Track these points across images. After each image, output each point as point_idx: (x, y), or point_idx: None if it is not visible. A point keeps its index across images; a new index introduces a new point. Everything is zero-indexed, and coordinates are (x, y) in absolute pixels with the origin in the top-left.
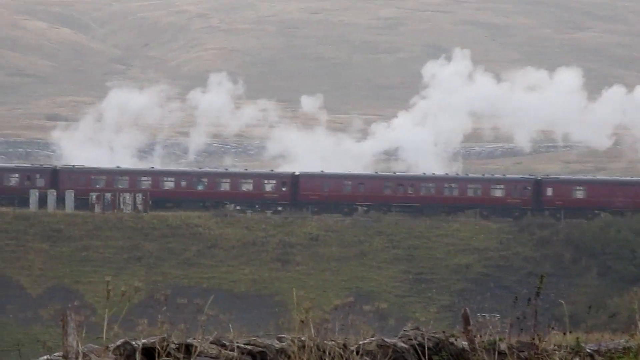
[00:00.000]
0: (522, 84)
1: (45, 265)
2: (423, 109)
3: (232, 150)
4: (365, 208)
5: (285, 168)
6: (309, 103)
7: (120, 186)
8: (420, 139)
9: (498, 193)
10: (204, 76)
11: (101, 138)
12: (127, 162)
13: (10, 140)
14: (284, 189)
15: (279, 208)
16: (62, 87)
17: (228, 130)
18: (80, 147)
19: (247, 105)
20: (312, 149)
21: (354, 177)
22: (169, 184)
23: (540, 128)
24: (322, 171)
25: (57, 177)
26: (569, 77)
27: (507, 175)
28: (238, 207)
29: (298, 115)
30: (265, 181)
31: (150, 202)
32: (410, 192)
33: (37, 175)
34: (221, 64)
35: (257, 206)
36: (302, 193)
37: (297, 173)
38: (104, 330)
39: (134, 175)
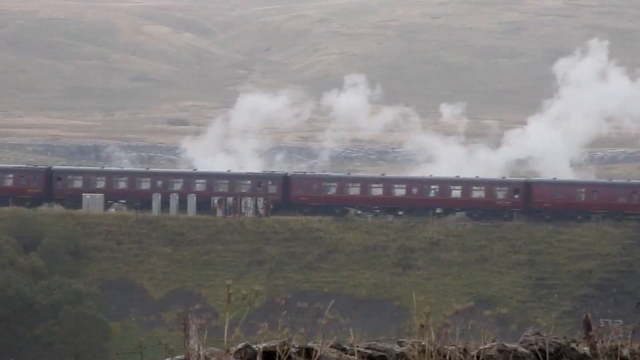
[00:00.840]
0: None
1: (168, 269)
2: (555, 112)
3: (358, 155)
4: (598, 217)
5: (421, 173)
6: (448, 110)
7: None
8: (552, 143)
9: None
10: (324, 81)
11: (228, 142)
12: (254, 166)
13: (132, 145)
14: (516, 196)
15: (505, 216)
16: (184, 91)
17: (362, 135)
18: (205, 152)
19: (373, 109)
20: (445, 155)
21: (587, 184)
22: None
23: None
24: (554, 178)
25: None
26: None
27: None
28: (359, 212)
29: (421, 120)
30: (497, 189)
31: (271, 206)
32: None
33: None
34: (342, 69)
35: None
36: (535, 201)
37: (528, 180)
38: (225, 334)
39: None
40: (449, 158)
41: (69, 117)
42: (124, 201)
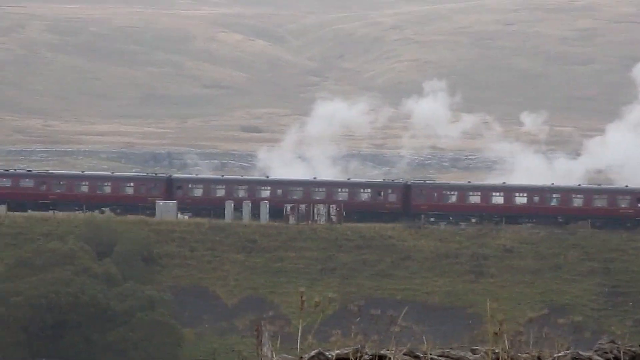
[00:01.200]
0: None
1: (240, 276)
2: (636, 118)
3: (432, 162)
4: None
5: (495, 181)
6: (530, 119)
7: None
8: (634, 151)
9: None
10: (397, 88)
11: (302, 149)
12: (327, 173)
13: (206, 152)
14: (639, 204)
15: (628, 224)
16: (257, 98)
17: (439, 142)
18: (279, 159)
19: (452, 117)
20: (522, 162)
21: None
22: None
23: None
24: None
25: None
26: None
27: None
28: (432, 219)
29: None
30: (620, 197)
31: (344, 213)
32: None
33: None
34: (415, 76)
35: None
36: None
37: None
38: (298, 341)
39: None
40: (527, 166)
41: (142, 124)
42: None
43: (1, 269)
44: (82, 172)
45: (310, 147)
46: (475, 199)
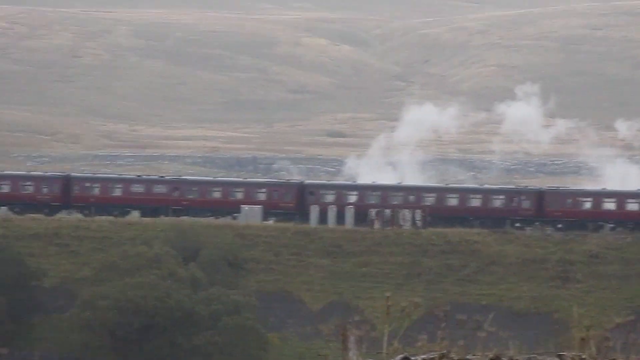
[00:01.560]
0: None
1: (325, 281)
2: None
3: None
4: None
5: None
6: (624, 126)
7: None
8: None
9: None
10: (483, 93)
11: (390, 155)
12: (414, 178)
13: (291, 157)
14: None
15: None
16: (342, 103)
17: (531, 147)
18: (364, 165)
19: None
20: (614, 168)
21: None
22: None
23: None
24: None
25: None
26: None
27: None
28: (517, 225)
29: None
30: None
31: (429, 218)
32: None
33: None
34: (501, 81)
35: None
36: None
37: None
38: (384, 346)
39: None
40: (621, 172)
41: (227, 129)
42: None
43: (88, 273)
44: (214, 177)
45: (398, 152)
46: (610, 205)
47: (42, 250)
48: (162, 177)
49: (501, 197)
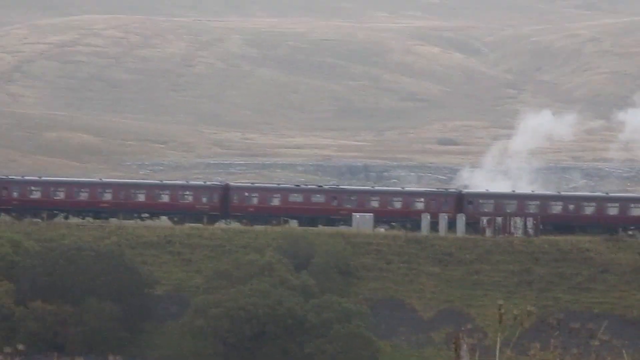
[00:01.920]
0: None
1: (437, 289)
2: None
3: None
4: None
5: None
6: None
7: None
8: None
9: None
10: (594, 100)
11: (504, 162)
12: (530, 186)
13: (402, 164)
14: None
15: None
16: (453, 111)
17: None
18: (477, 173)
19: None
20: None
21: None
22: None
23: None
24: None
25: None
26: None
27: None
28: (630, 232)
29: None
30: None
31: (540, 226)
32: None
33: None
34: (614, 88)
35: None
36: None
37: None
38: (497, 354)
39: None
40: None
41: (339, 137)
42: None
43: (200, 281)
44: (372, 187)
45: (513, 159)
46: None
47: (155, 258)
48: (320, 186)
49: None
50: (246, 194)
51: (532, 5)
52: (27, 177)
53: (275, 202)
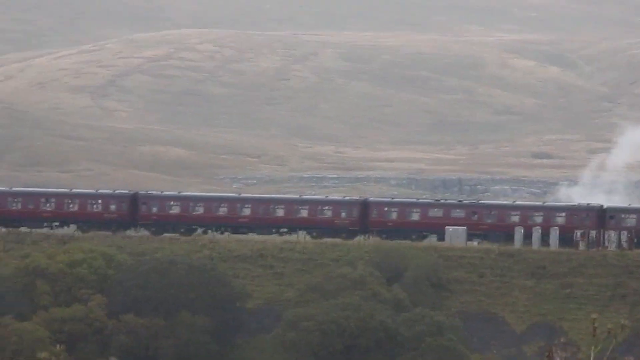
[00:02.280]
0: None
1: (529, 302)
2: None
3: None
4: None
5: None
6: None
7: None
8: None
9: None
10: None
11: (603, 177)
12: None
13: (496, 178)
14: None
15: None
16: (548, 125)
17: None
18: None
19: None
20: None
21: None
22: None
23: None
24: None
25: None
26: None
27: None
28: None
29: None
30: None
31: (635, 239)
32: None
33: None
34: None
35: None
36: None
37: None
38: None
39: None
40: None
41: (432, 150)
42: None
43: (292, 295)
44: (514, 201)
45: (611, 174)
46: None
47: (247, 271)
48: (460, 201)
49: None
50: (385, 208)
51: (627, 19)
52: (166, 192)
53: (415, 217)
